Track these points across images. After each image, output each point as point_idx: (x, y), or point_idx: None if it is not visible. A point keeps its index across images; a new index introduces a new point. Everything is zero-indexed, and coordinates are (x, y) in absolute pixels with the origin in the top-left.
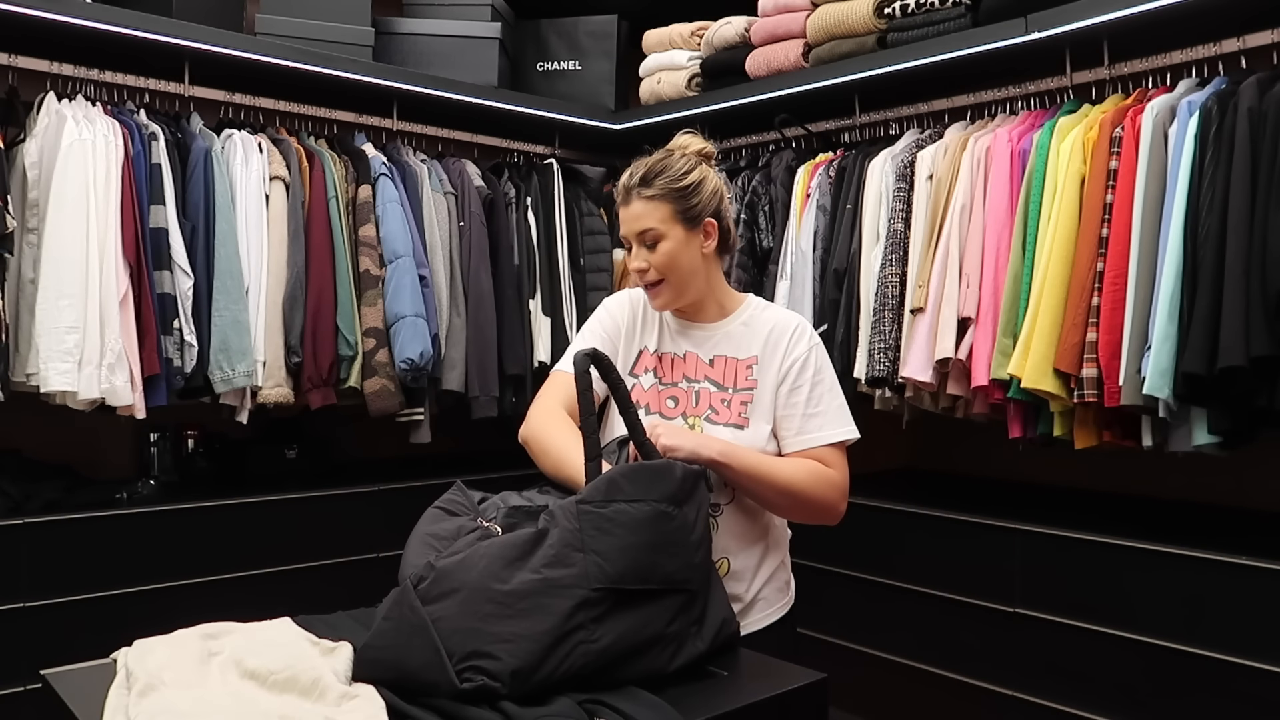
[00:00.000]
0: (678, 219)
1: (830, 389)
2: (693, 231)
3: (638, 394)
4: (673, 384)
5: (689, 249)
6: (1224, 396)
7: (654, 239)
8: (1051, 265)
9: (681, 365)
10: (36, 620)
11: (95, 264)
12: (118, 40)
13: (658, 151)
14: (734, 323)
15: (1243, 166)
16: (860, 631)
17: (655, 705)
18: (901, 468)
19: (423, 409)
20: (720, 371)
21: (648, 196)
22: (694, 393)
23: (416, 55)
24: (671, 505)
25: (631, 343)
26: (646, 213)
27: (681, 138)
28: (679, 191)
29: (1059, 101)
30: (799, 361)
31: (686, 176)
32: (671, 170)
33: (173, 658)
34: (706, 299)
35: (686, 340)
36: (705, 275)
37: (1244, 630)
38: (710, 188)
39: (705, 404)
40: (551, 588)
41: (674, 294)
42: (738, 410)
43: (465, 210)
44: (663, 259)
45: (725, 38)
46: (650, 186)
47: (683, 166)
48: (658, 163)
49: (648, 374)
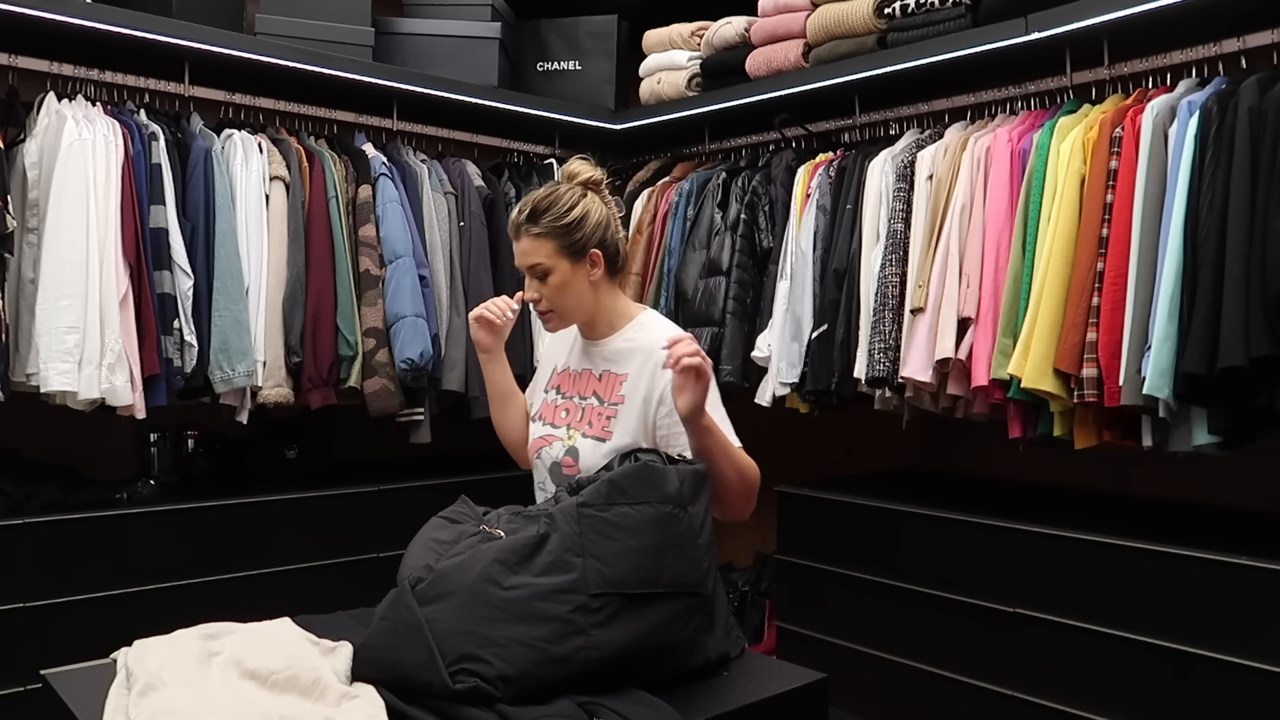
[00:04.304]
0: (563, 253)
1: (715, 404)
2: (579, 263)
3: (545, 409)
4: (569, 398)
5: (576, 279)
6: (1224, 396)
7: (543, 272)
8: (1051, 265)
9: (579, 381)
10: (36, 620)
11: (95, 264)
12: (118, 40)
13: (547, 185)
14: (618, 340)
15: (1243, 167)
16: (860, 631)
17: (655, 705)
18: (901, 468)
19: (423, 409)
20: (603, 386)
21: (535, 234)
22: (581, 407)
23: (416, 55)
24: (676, 507)
25: (549, 364)
26: (534, 249)
27: (572, 164)
28: (563, 228)
29: (1059, 101)
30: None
31: (570, 213)
32: (557, 207)
33: (173, 658)
34: (597, 318)
35: (586, 357)
36: (595, 299)
37: (1244, 630)
38: (595, 220)
39: (585, 417)
40: (547, 593)
41: (562, 319)
42: (602, 424)
43: (465, 210)
44: (552, 290)
45: (725, 38)
46: (537, 224)
47: (568, 201)
48: (544, 199)
49: (552, 391)
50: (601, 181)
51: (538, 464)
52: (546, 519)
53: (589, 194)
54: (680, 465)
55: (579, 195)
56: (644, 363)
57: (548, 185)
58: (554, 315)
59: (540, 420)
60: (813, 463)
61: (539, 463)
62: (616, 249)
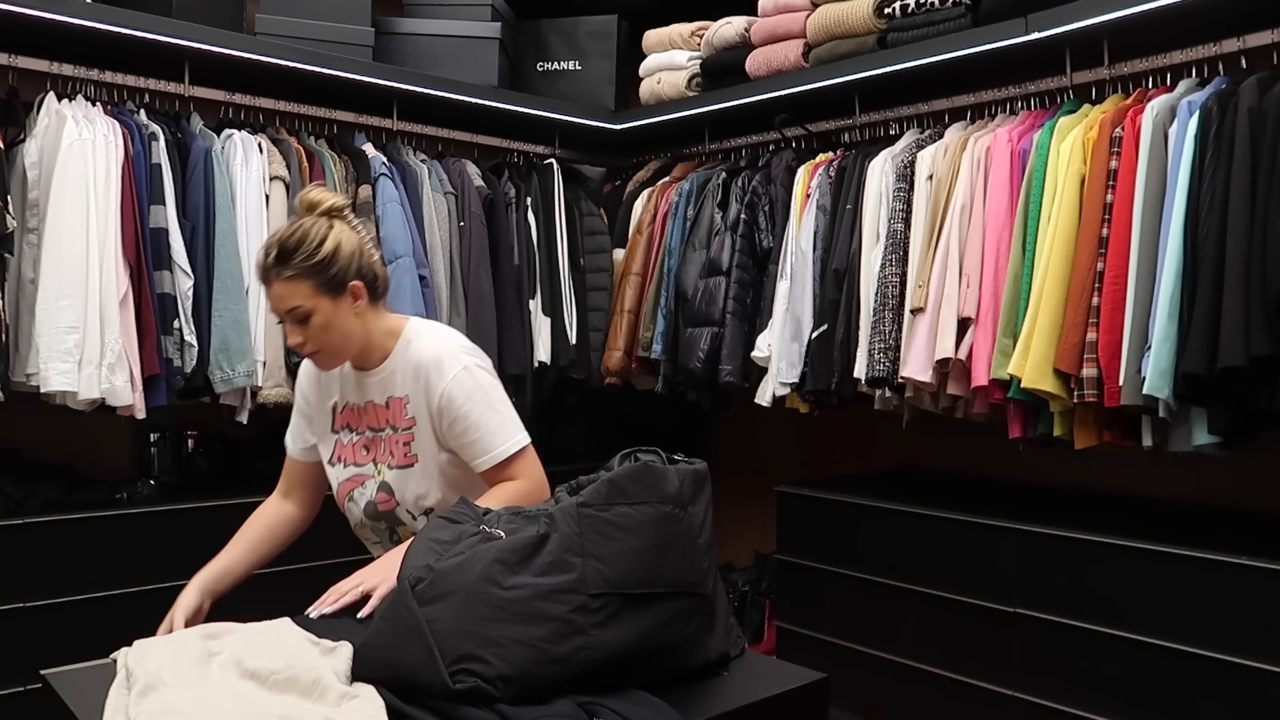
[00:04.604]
0: (322, 292)
1: (487, 408)
2: (340, 298)
3: (341, 450)
4: (363, 433)
5: (340, 316)
6: (1224, 396)
7: (303, 315)
8: (1051, 265)
9: (367, 414)
10: (36, 620)
11: (95, 264)
12: (118, 40)
13: (289, 223)
14: (391, 364)
15: (1243, 167)
16: (860, 631)
17: (655, 706)
18: (901, 468)
19: None
20: (392, 414)
21: (288, 277)
22: (380, 440)
23: (416, 55)
24: (676, 507)
25: (324, 406)
26: (289, 292)
27: (310, 194)
28: (317, 266)
29: (1059, 101)
30: (443, 396)
31: (321, 248)
32: (306, 245)
33: (173, 658)
34: (369, 349)
35: (363, 390)
36: (364, 330)
37: (1244, 630)
38: (348, 250)
39: (387, 450)
40: (547, 593)
41: (334, 358)
42: (403, 452)
43: (465, 210)
44: (317, 332)
45: (725, 38)
46: (287, 265)
47: (316, 236)
48: (290, 237)
49: (343, 430)
50: (345, 207)
51: (351, 508)
52: (546, 519)
53: (335, 223)
54: (680, 465)
55: (326, 227)
56: (416, 380)
57: (289, 222)
58: (324, 355)
59: (341, 463)
60: (813, 463)
61: (352, 506)
62: (375, 274)
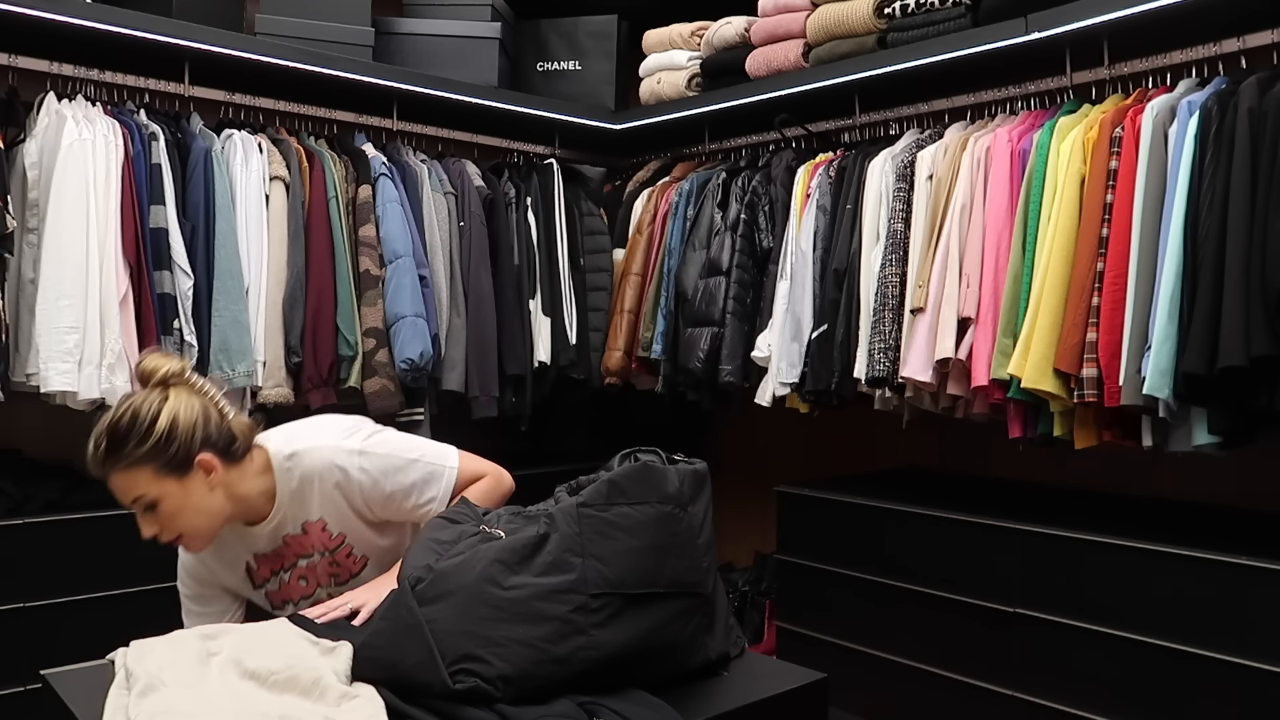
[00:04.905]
0: (164, 474)
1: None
2: (187, 476)
3: (281, 593)
4: (295, 565)
5: (192, 495)
6: (1224, 396)
7: (149, 504)
8: (1051, 265)
9: (289, 547)
10: (36, 620)
11: (95, 264)
12: (118, 40)
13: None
14: (281, 501)
15: (1243, 166)
16: (860, 631)
17: (655, 706)
18: (901, 468)
19: (423, 409)
20: (314, 540)
21: (122, 468)
22: (312, 566)
23: (416, 55)
24: (676, 507)
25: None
26: (129, 483)
27: (145, 363)
28: (152, 449)
29: (1059, 101)
30: (363, 494)
31: (155, 427)
32: (137, 429)
33: (172, 658)
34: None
35: (269, 538)
36: (229, 497)
37: (1244, 630)
38: (186, 421)
39: (325, 572)
40: (547, 593)
41: (200, 539)
42: (350, 563)
43: (465, 210)
44: (168, 519)
45: (725, 38)
46: (120, 456)
47: (149, 414)
48: (119, 422)
49: (272, 578)
50: (184, 370)
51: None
52: (546, 519)
53: (170, 393)
54: (680, 465)
55: (159, 401)
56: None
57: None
58: (187, 539)
59: (289, 604)
60: (813, 463)
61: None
62: (227, 437)
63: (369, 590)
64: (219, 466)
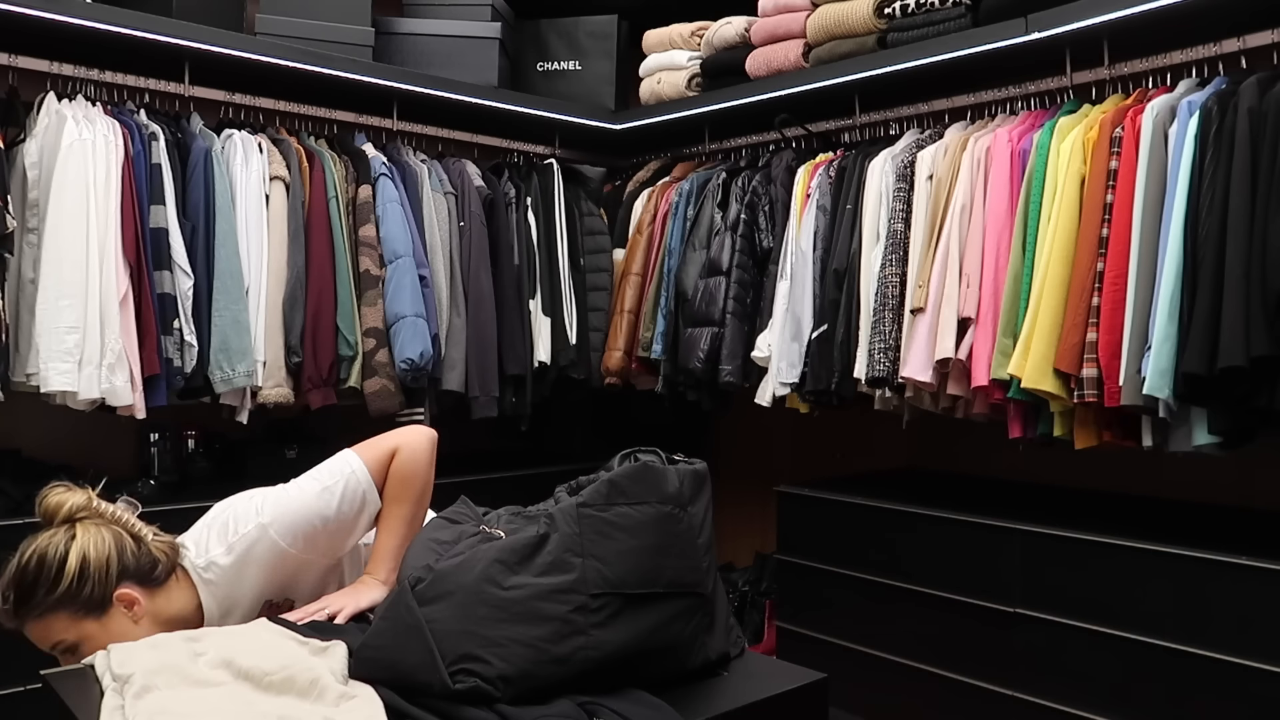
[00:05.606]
0: (81, 616)
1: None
2: (106, 614)
3: None
4: None
5: (115, 633)
6: (1224, 396)
7: (71, 647)
8: (1051, 265)
9: None
10: None
11: (95, 264)
12: (118, 40)
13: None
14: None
15: (1243, 167)
16: (860, 631)
17: (655, 706)
18: (901, 468)
19: (423, 409)
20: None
21: (36, 617)
22: None
23: (416, 55)
24: (676, 507)
25: None
26: (45, 632)
27: (49, 499)
28: (64, 594)
29: (1059, 101)
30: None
31: (65, 569)
32: (45, 574)
33: (160, 660)
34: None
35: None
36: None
37: (1244, 630)
38: (98, 558)
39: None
40: (547, 593)
41: None
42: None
43: (465, 210)
44: None
45: (725, 38)
46: (31, 606)
47: (56, 557)
48: (26, 569)
49: None
50: (89, 501)
51: None
52: (546, 519)
53: (78, 530)
54: (680, 465)
55: (65, 541)
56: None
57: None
58: None
59: None
60: (813, 463)
61: None
62: (147, 563)
63: (346, 595)
64: (140, 598)
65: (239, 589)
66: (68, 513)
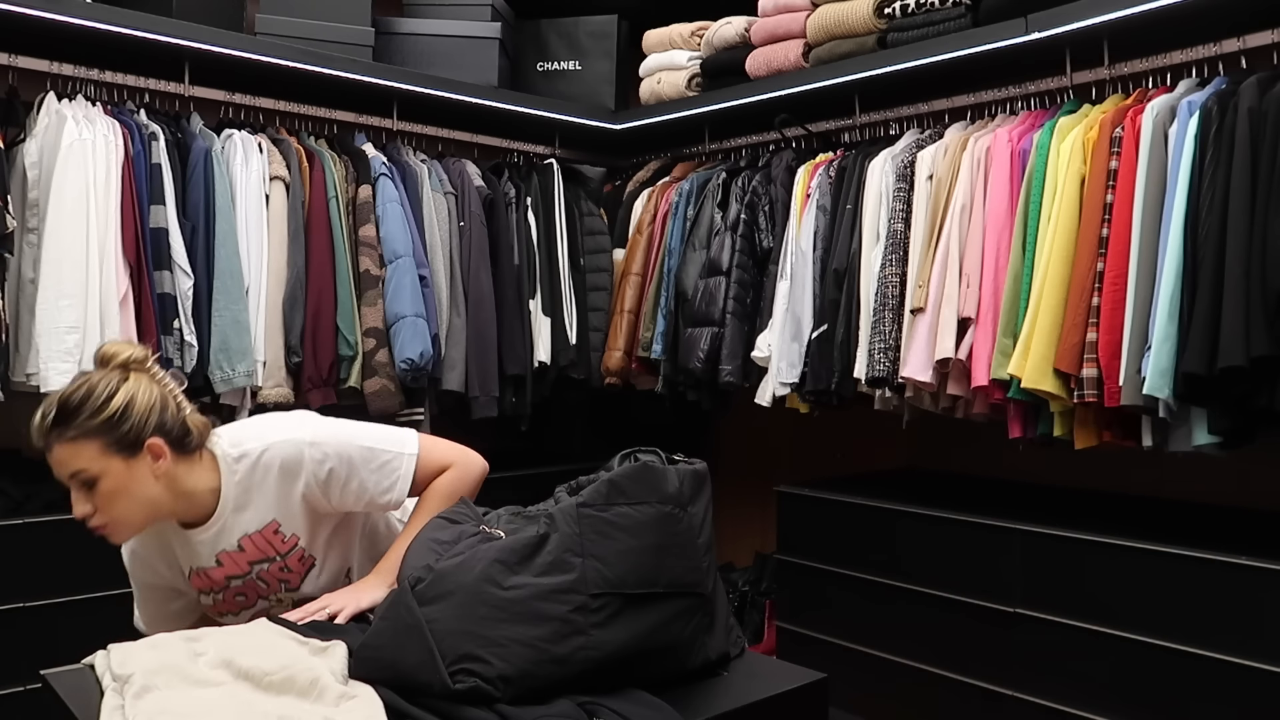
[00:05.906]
0: (111, 452)
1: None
2: (134, 459)
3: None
4: (239, 579)
5: (136, 479)
6: (1224, 396)
7: (89, 479)
8: (1051, 265)
9: (233, 564)
10: (36, 620)
11: (95, 264)
12: (118, 40)
13: (75, 380)
14: (225, 505)
15: (1243, 166)
16: (860, 631)
17: (655, 706)
18: (901, 468)
19: (423, 409)
20: (258, 548)
21: (69, 439)
22: (255, 579)
23: (416, 55)
24: (676, 507)
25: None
26: (71, 455)
27: (107, 347)
28: (104, 424)
29: (1059, 101)
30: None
31: (110, 402)
32: (92, 401)
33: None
34: (192, 504)
35: (205, 547)
36: (170, 492)
37: (1244, 630)
38: (143, 404)
39: (275, 580)
40: (547, 593)
41: (127, 529)
42: (299, 566)
43: (465, 210)
44: (105, 500)
45: (725, 38)
46: (68, 427)
47: (105, 390)
48: (74, 393)
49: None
50: (146, 359)
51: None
52: (546, 519)
53: (131, 376)
54: (680, 465)
55: (118, 381)
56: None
57: (78, 378)
58: (114, 526)
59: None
60: (813, 463)
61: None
62: (181, 429)
63: (347, 595)
64: (168, 454)
65: (259, 490)
66: (123, 360)
